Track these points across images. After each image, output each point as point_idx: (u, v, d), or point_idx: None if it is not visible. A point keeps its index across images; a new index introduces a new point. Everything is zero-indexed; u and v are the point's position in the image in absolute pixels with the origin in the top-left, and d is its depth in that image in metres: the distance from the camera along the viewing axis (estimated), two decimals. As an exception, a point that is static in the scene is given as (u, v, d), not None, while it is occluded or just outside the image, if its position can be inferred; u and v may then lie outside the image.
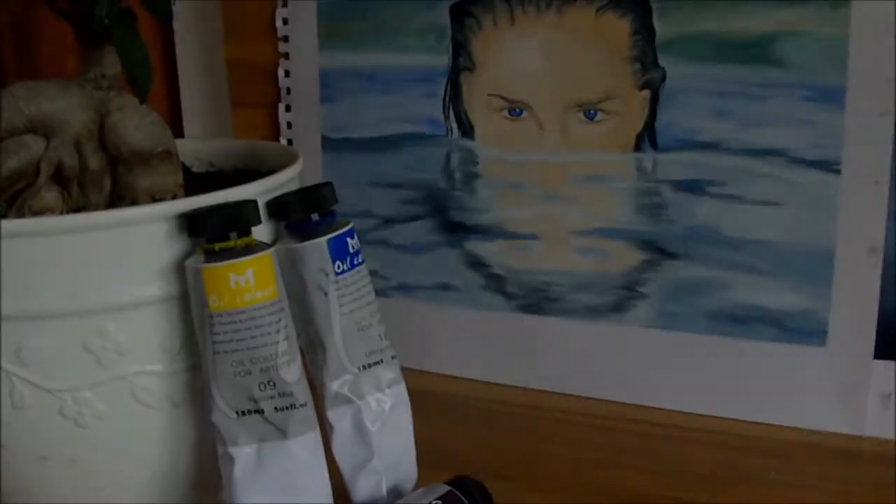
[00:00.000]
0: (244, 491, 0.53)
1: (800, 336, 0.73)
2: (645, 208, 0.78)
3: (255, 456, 0.53)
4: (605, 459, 0.71)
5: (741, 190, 0.74)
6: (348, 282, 0.57)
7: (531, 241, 0.82)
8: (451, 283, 0.86)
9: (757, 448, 0.72)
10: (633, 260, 0.78)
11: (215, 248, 0.52)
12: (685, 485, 0.67)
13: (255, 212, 0.54)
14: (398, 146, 0.85)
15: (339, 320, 0.57)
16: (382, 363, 0.59)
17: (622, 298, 0.79)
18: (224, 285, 0.51)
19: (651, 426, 0.76)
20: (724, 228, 0.75)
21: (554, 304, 0.82)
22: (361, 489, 0.59)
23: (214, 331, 0.52)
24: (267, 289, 0.52)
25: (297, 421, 0.53)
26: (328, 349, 0.57)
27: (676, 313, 0.78)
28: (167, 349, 0.55)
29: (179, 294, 0.54)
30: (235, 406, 0.53)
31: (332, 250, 0.56)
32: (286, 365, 0.53)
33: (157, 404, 0.55)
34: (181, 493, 0.58)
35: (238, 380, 0.52)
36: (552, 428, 0.77)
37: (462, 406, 0.81)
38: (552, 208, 0.80)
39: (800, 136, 0.71)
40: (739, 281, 0.75)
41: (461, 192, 0.84)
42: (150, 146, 0.58)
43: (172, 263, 0.53)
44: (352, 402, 0.58)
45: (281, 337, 0.53)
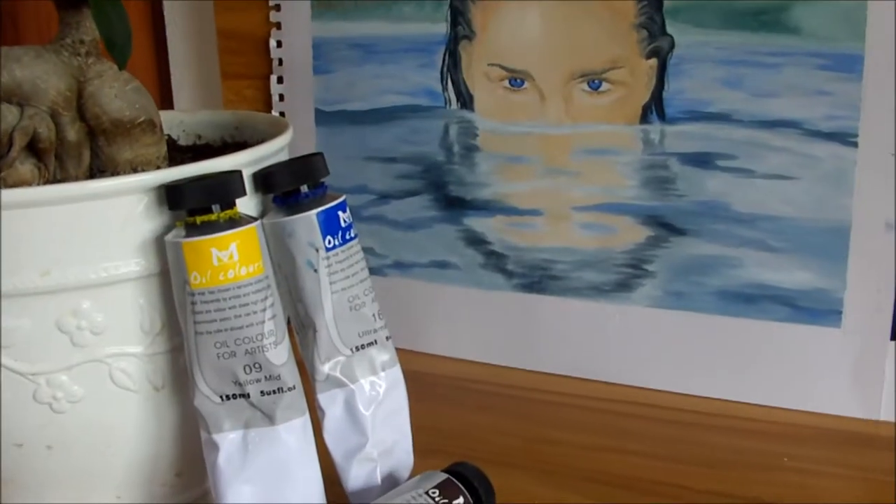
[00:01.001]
0: (229, 480, 0.52)
1: (813, 316, 0.72)
2: (651, 182, 0.76)
3: (241, 443, 0.52)
4: (609, 445, 0.70)
5: (753, 163, 0.72)
6: (340, 258, 0.55)
7: (532, 216, 0.81)
8: (448, 260, 0.85)
9: (768, 433, 0.70)
10: (639, 236, 0.77)
11: (197, 222, 0.51)
12: (693, 472, 0.66)
13: (240, 183, 0.52)
14: (394, 119, 0.85)
15: (331, 298, 0.55)
16: (376, 344, 0.57)
17: (627, 277, 0.78)
18: (206, 261, 0.50)
19: (658, 410, 0.75)
20: (735, 203, 0.73)
21: (556, 283, 0.80)
22: (354, 477, 0.58)
23: (196, 310, 0.50)
24: (252, 265, 0.51)
25: (284, 406, 0.52)
26: (319, 329, 0.56)
27: (684, 292, 0.76)
28: (147, 330, 0.53)
29: (159, 271, 0.52)
30: (219, 390, 0.51)
31: (323, 224, 0.55)
32: (273, 346, 0.51)
33: (137, 388, 0.53)
34: (165, 481, 0.57)
35: (222, 362, 0.51)
36: (555, 412, 0.76)
37: (460, 389, 0.80)
38: (554, 182, 0.79)
39: (815, 106, 0.70)
40: (750, 258, 0.73)
41: (460, 166, 0.83)
42: (132, 115, 0.56)
43: (152, 238, 0.52)
44: (344, 385, 0.57)
45: (267, 316, 0.51)
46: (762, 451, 0.68)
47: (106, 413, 0.53)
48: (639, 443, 0.70)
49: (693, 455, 0.68)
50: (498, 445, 0.70)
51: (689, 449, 0.69)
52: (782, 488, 0.64)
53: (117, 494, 0.56)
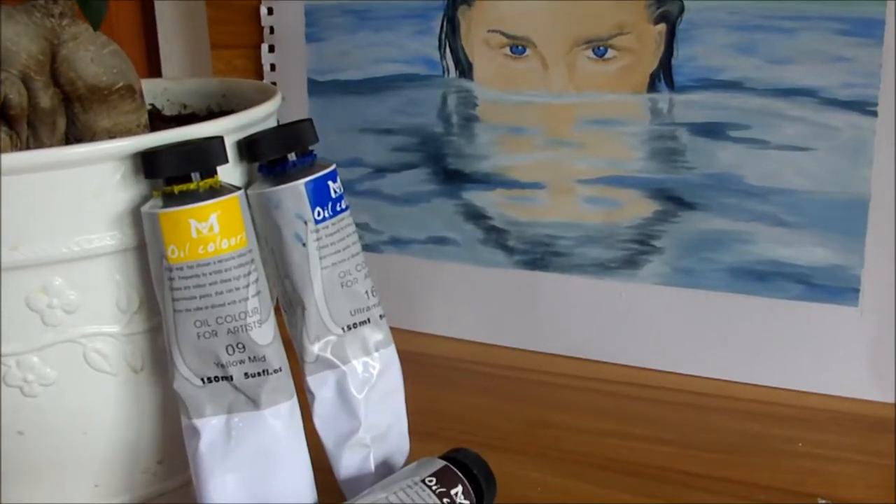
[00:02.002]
0: (211, 468, 0.50)
1: (829, 294, 0.71)
2: (660, 154, 0.75)
3: (223, 429, 0.50)
4: (615, 429, 0.69)
5: (766, 134, 0.71)
6: (330, 230, 0.54)
7: (534, 190, 0.80)
8: (447, 236, 0.84)
9: (781, 417, 0.69)
10: (647, 211, 0.76)
11: (175, 192, 0.49)
12: (702, 457, 0.65)
13: (221, 150, 0.50)
14: (390, 88, 0.84)
15: (320, 274, 0.54)
16: (369, 323, 0.56)
17: (634, 253, 0.77)
18: (184, 233, 0.48)
19: (665, 393, 0.74)
20: (747, 176, 0.72)
21: (559, 260, 0.80)
22: (346, 464, 0.56)
23: (174, 286, 0.48)
24: (234, 237, 0.49)
25: (270, 389, 0.50)
26: (308, 307, 0.54)
27: (693, 269, 0.75)
28: (123, 308, 0.51)
29: (136, 244, 0.50)
30: (200, 372, 0.50)
31: (312, 194, 0.53)
32: (257, 325, 0.49)
33: (114, 370, 0.51)
34: (146, 468, 0.56)
35: (202, 342, 0.49)
36: (558, 394, 0.75)
37: (459, 371, 0.79)
38: (557, 154, 0.78)
39: (832, 73, 0.69)
40: (763, 234, 0.72)
41: (458, 138, 0.82)
42: (109, 81, 0.54)
43: (128, 210, 0.50)
44: (335, 366, 0.55)
45: (251, 293, 0.49)
46: (775, 435, 0.67)
47: (81, 397, 0.51)
48: (645, 427, 0.69)
49: (702, 440, 0.67)
50: (498, 430, 0.69)
51: (698, 433, 0.68)
52: (796, 475, 0.63)
53: (95, 483, 0.55)
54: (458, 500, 0.54)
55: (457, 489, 0.54)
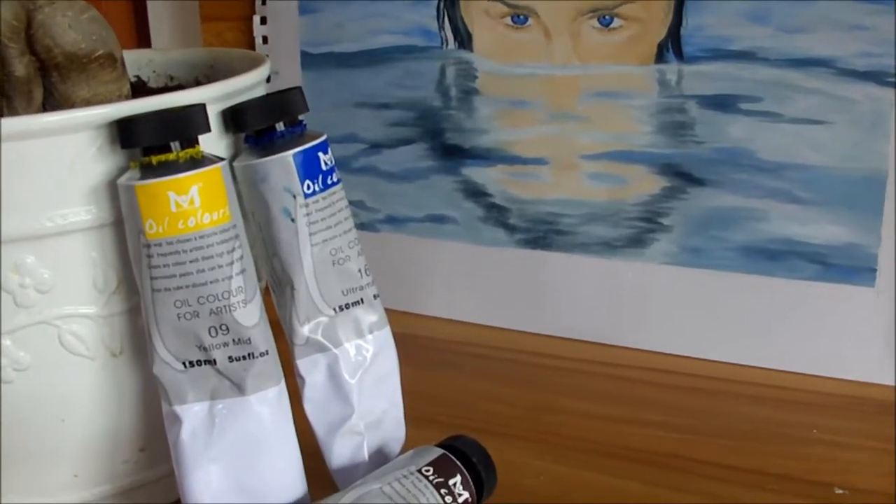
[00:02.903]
0: (193, 458, 0.49)
1: (845, 275, 0.70)
2: (668, 128, 0.74)
3: (207, 416, 0.49)
4: (621, 415, 0.68)
5: (779, 106, 0.70)
6: (320, 205, 0.53)
7: (537, 166, 0.79)
8: (446, 214, 0.83)
9: (795, 402, 0.69)
10: (654, 187, 0.75)
11: (153, 162, 0.47)
12: (713, 444, 0.64)
13: (203, 118, 0.49)
14: (386, 61, 0.83)
15: (310, 252, 0.53)
16: (363, 303, 0.55)
17: (641, 231, 0.76)
18: (163, 207, 0.46)
19: (674, 377, 0.73)
20: (760, 151, 0.72)
21: (563, 238, 0.79)
22: (339, 453, 0.56)
23: (153, 263, 0.47)
24: (216, 211, 0.47)
25: (256, 373, 0.49)
26: (297, 287, 0.53)
27: (703, 248, 0.74)
28: (100, 288, 0.50)
29: (114, 220, 0.49)
30: (181, 356, 0.48)
31: (301, 167, 0.52)
32: (242, 305, 0.48)
33: (92, 354, 0.50)
34: (128, 457, 0.55)
35: (183, 323, 0.48)
36: (561, 379, 0.74)
37: (458, 354, 0.79)
38: (561, 129, 0.77)
39: (849, 43, 0.68)
40: (776, 211, 0.72)
41: (457, 112, 0.81)
42: (88, 48, 0.53)
43: (105, 182, 0.48)
44: (326, 349, 0.55)
45: (235, 270, 0.48)
46: (788, 421, 0.66)
47: (57, 382, 0.50)
48: (653, 413, 0.68)
49: (713, 426, 0.66)
50: (499, 416, 0.69)
51: (709, 419, 0.67)
52: (811, 462, 0.62)
53: (74, 472, 0.54)
54: (457, 491, 0.53)
55: (455, 479, 0.53)
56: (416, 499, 0.51)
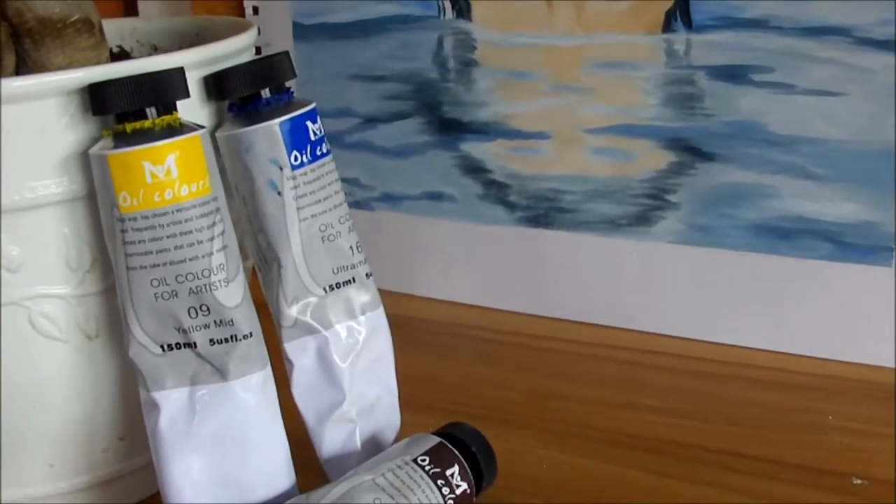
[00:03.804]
0: (173, 448, 0.48)
1: (860, 254, 0.69)
2: (675, 100, 0.73)
3: (187, 402, 0.48)
4: (627, 401, 0.68)
5: (793, 77, 0.69)
6: (309, 178, 0.52)
7: (538, 140, 0.79)
8: (443, 191, 0.83)
9: (809, 388, 0.68)
10: (661, 162, 0.75)
11: (127, 130, 0.46)
12: (723, 432, 0.64)
13: (181, 82, 0.48)
14: (382, 31, 0.82)
15: (298, 227, 0.52)
16: (354, 283, 0.54)
17: (647, 209, 0.76)
18: (137, 178, 0.45)
19: (682, 361, 0.73)
20: (772, 124, 0.71)
21: (565, 216, 0.79)
22: (329, 441, 0.55)
23: (127, 239, 0.46)
24: (195, 182, 0.46)
25: (239, 357, 0.48)
26: (284, 265, 0.52)
27: (711, 226, 0.74)
28: (74, 266, 0.49)
29: (87, 193, 0.48)
30: (159, 338, 0.47)
31: (288, 136, 0.51)
32: (223, 284, 0.47)
33: (66, 337, 0.49)
34: (107, 446, 0.54)
35: (161, 304, 0.46)
36: (564, 363, 0.74)
37: (456, 337, 0.79)
38: (564, 101, 0.77)
39: (866, 10, 0.66)
40: (789, 187, 0.71)
41: (456, 84, 0.81)
42: (63, 13, 0.52)
43: (77, 153, 0.47)
44: (316, 331, 0.54)
45: (216, 247, 0.46)
46: (802, 407, 0.66)
47: (29, 367, 0.49)
48: (660, 398, 0.68)
49: (722, 413, 0.66)
50: (499, 402, 0.68)
51: (718, 406, 0.67)
52: (826, 451, 0.61)
53: (49, 462, 0.53)
54: (454, 482, 0.52)
55: (453, 469, 0.52)
56: (412, 490, 0.50)
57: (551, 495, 0.58)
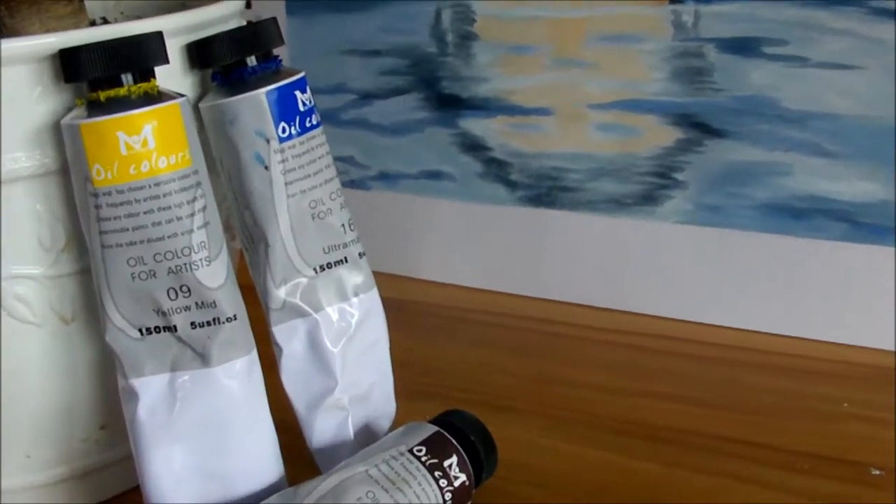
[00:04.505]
0: (153, 438, 0.47)
1: (875, 234, 0.69)
2: (683, 74, 0.73)
3: (167, 390, 0.47)
4: (634, 387, 0.67)
5: (806, 50, 0.69)
6: (298, 151, 0.50)
7: (540, 117, 0.78)
8: (442, 170, 0.83)
9: (824, 373, 0.67)
10: (668, 139, 0.74)
11: (101, 98, 0.44)
12: (735, 420, 0.63)
13: (159, 47, 0.46)
14: (378, 4, 0.83)
15: (286, 203, 0.50)
16: (346, 262, 0.53)
17: (653, 187, 0.75)
18: (111, 149, 0.43)
19: (690, 345, 0.72)
20: (784, 99, 0.70)
21: (568, 196, 0.78)
22: (320, 430, 0.54)
23: (102, 215, 0.44)
24: (174, 154, 0.44)
25: (222, 341, 0.46)
26: (272, 244, 0.51)
27: (720, 206, 0.73)
28: (47, 245, 0.48)
29: (60, 166, 0.46)
30: (137, 322, 0.46)
31: (275, 106, 0.49)
32: (205, 263, 0.45)
33: (40, 320, 0.48)
34: (87, 435, 0.53)
35: (138, 284, 0.45)
36: (568, 348, 0.73)
37: (455, 321, 0.78)
38: (566, 76, 0.77)
39: None
40: (801, 165, 0.70)
41: (454, 59, 0.81)
42: None
43: (49, 124, 0.46)
44: (305, 314, 0.53)
45: (196, 223, 0.45)
46: (816, 394, 0.65)
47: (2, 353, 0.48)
48: (668, 385, 0.67)
49: (733, 400, 0.65)
50: (500, 388, 0.68)
51: (729, 392, 0.66)
52: (842, 440, 0.60)
53: (27, 453, 0.52)
54: (452, 473, 0.50)
55: (451, 460, 0.51)
56: (407, 483, 0.48)
57: (555, 486, 0.57)
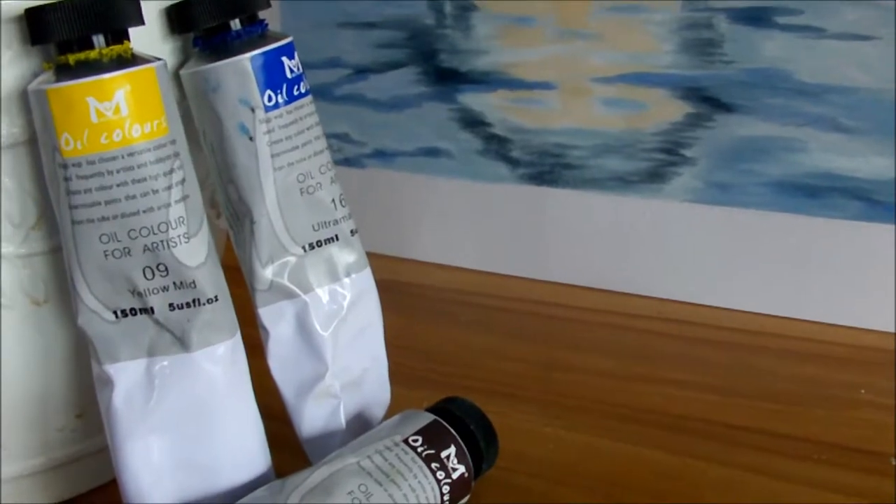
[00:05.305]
0: (129, 427, 0.45)
1: (893, 213, 0.68)
2: (692, 46, 0.72)
3: (144, 376, 0.45)
4: (642, 373, 0.66)
5: (822, 19, 0.68)
6: (285, 121, 0.48)
7: (543, 91, 0.78)
8: (440, 147, 0.82)
9: (839, 359, 0.66)
10: (676, 114, 0.73)
11: (69, 62, 0.42)
12: (749, 407, 0.61)
13: (133, 6, 0.43)
14: None
15: (273, 177, 0.49)
16: (337, 240, 0.51)
17: (660, 164, 0.74)
18: (81, 116, 0.41)
19: (701, 329, 0.71)
20: (798, 71, 0.69)
21: (571, 173, 0.77)
22: (310, 419, 0.52)
23: (71, 188, 0.42)
24: (149, 122, 0.42)
25: (203, 324, 0.44)
26: (258, 220, 0.49)
27: (731, 184, 0.72)
28: (16, 222, 0.46)
29: (30, 137, 0.45)
30: (111, 303, 0.44)
31: (261, 73, 0.47)
32: (183, 239, 0.43)
33: (10, 302, 0.47)
34: (62, 424, 0.51)
35: (112, 263, 0.43)
36: (572, 331, 0.72)
37: (454, 303, 0.77)
38: (570, 48, 0.76)
39: None
40: (816, 140, 0.69)
41: (453, 31, 0.80)
42: None
43: (16, 91, 0.44)
44: (294, 295, 0.51)
45: (174, 196, 0.43)
46: (833, 380, 0.64)
47: None
48: (679, 370, 0.66)
49: (747, 386, 0.64)
50: (501, 374, 0.67)
51: (743, 379, 0.65)
52: (861, 429, 0.59)
53: None
54: (451, 465, 0.49)
55: (449, 450, 0.49)
56: (402, 475, 0.47)
57: (559, 478, 0.56)
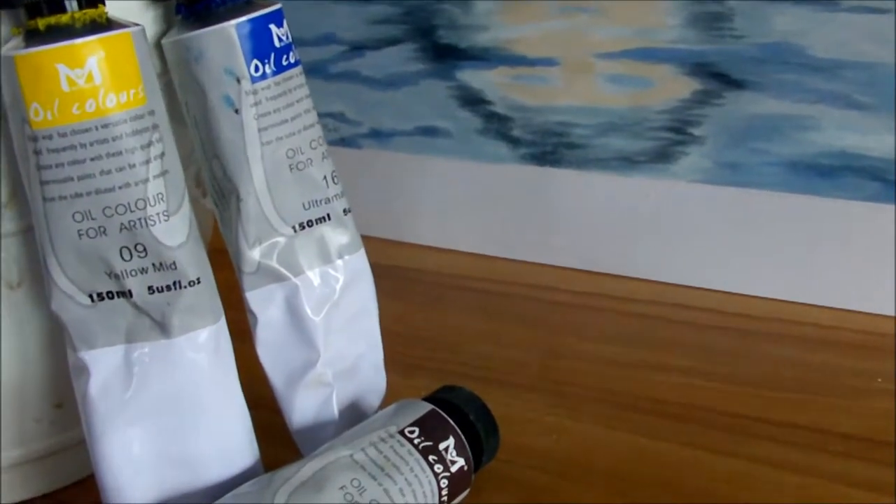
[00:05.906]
0: (106, 418, 0.43)
1: None
2: (700, 20, 0.70)
3: (122, 364, 0.43)
4: (648, 361, 0.65)
5: None
6: (273, 92, 0.47)
7: (545, 67, 0.76)
8: (438, 126, 0.81)
9: (853, 346, 0.65)
10: (683, 91, 0.72)
11: (39, 27, 0.40)
12: (759, 396, 0.61)
13: None
14: None
15: (261, 153, 0.47)
16: (329, 220, 0.50)
17: (667, 143, 0.73)
18: (51, 84, 0.39)
19: (709, 315, 0.70)
20: (811, 46, 0.68)
21: (575, 153, 0.76)
22: (301, 409, 0.51)
23: (42, 162, 0.40)
24: (126, 91, 0.40)
25: (184, 308, 0.43)
26: (244, 198, 0.48)
27: (741, 163, 0.71)
28: None
29: None
30: (86, 286, 0.43)
31: (247, 41, 0.46)
32: (163, 217, 0.41)
33: None
34: (40, 415, 0.50)
35: (86, 243, 0.41)
36: (575, 317, 0.72)
37: (452, 288, 0.77)
38: (573, 23, 0.74)
39: None
40: (830, 118, 0.68)
41: (452, 5, 0.79)
42: None
43: None
44: (283, 278, 0.50)
45: (152, 171, 0.41)
46: (847, 368, 0.63)
47: None
48: (686, 358, 0.65)
49: (757, 374, 0.63)
50: (501, 361, 0.66)
51: (752, 366, 0.64)
52: (877, 419, 0.57)
53: None
54: (449, 457, 0.48)
55: (447, 442, 0.48)
56: (397, 469, 0.45)
57: (562, 470, 0.55)
